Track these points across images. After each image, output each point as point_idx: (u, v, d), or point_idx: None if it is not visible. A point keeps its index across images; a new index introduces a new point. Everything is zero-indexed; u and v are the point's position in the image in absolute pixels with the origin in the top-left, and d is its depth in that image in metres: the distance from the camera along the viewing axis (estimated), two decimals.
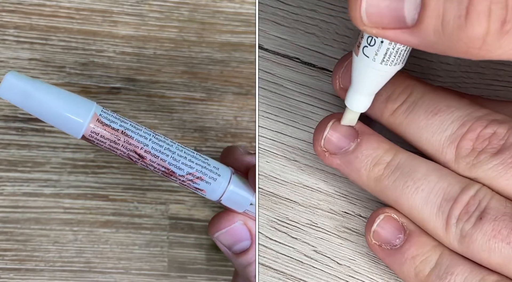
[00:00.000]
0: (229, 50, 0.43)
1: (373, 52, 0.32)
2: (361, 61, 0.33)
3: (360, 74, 0.33)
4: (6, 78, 0.33)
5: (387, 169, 0.35)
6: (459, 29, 0.27)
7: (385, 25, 0.28)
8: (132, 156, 0.35)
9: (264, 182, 0.39)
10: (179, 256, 0.43)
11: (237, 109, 0.43)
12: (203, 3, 0.43)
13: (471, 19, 0.27)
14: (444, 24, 0.27)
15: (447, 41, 0.28)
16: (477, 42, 0.27)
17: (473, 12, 0.26)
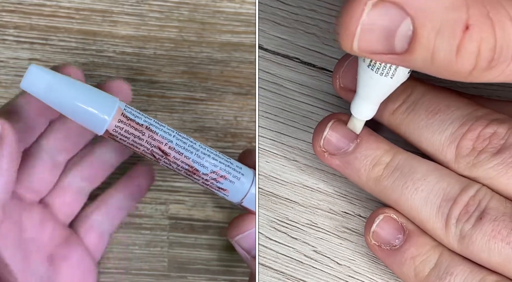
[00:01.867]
0: (229, 50, 0.43)
1: (381, 67, 0.32)
2: (368, 75, 0.33)
3: (368, 85, 0.33)
4: (29, 71, 0.32)
5: (386, 170, 0.35)
6: (449, 64, 0.28)
7: (375, 50, 0.29)
8: (155, 153, 0.35)
9: (264, 182, 0.39)
10: (179, 256, 0.43)
11: (237, 109, 0.43)
12: (203, 3, 0.43)
13: (460, 57, 0.28)
14: (433, 57, 0.28)
15: (435, 70, 0.29)
16: (464, 74, 0.29)
17: (463, 51, 0.28)
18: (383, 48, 0.29)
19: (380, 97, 0.34)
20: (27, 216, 0.38)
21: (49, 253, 0.39)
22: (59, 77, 0.33)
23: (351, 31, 0.29)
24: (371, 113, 0.35)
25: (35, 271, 0.38)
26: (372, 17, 0.28)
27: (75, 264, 0.40)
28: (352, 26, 0.29)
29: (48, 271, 0.39)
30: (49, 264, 0.39)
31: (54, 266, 0.39)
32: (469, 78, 0.29)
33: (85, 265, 0.41)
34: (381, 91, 0.34)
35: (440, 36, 0.28)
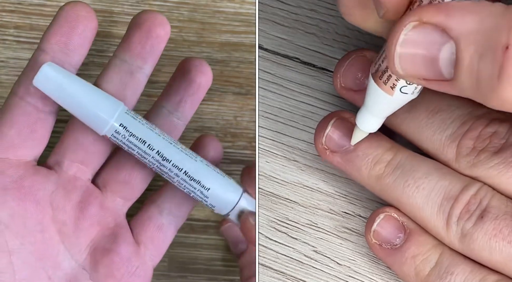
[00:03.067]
0: (229, 50, 0.43)
1: (413, 88, 0.32)
2: (396, 99, 0.32)
3: (388, 107, 0.33)
4: (43, 69, 0.34)
5: (388, 168, 0.35)
6: (493, 90, 0.27)
7: (423, 76, 0.29)
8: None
9: (264, 182, 0.39)
10: (179, 256, 0.43)
11: (237, 109, 0.43)
12: (203, 3, 0.43)
13: (503, 83, 0.26)
14: (478, 82, 0.27)
15: (483, 97, 0.27)
16: (510, 103, 0.27)
17: (505, 74, 0.26)
18: (430, 74, 0.28)
19: (389, 112, 0.34)
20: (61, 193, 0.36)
21: (90, 243, 0.37)
22: (69, 78, 0.34)
23: (391, 53, 0.28)
24: (377, 127, 0.35)
25: (72, 260, 0.36)
26: (411, 39, 0.28)
27: (118, 262, 0.37)
28: (392, 48, 0.28)
29: (86, 263, 0.37)
30: (89, 256, 0.37)
31: (94, 260, 0.37)
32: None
33: (131, 267, 0.37)
34: (393, 107, 0.33)
35: (483, 60, 0.26)
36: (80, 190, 0.37)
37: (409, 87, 0.32)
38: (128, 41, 0.36)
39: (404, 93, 0.32)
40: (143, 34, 0.36)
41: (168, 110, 0.38)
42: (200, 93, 0.38)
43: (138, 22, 0.36)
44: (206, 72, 0.38)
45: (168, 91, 0.38)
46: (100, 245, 0.37)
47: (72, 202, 0.36)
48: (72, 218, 0.36)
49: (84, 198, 0.37)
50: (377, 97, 0.33)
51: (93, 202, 0.37)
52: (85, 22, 0.35)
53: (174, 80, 0.38)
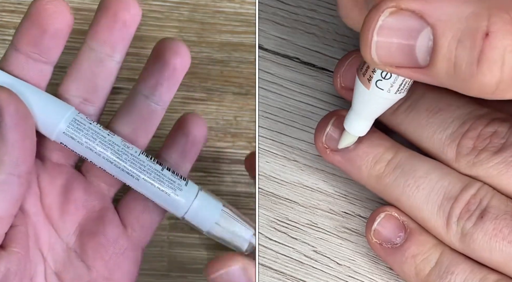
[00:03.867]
0: (229, 50, 0.43)
1: (388, 84, 0.32)
2: (373, 93, 0.32)
3: (368, 103, 0.33)
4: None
5: (388, 167, 0.35)
6: (471, 76, 0.27)
7: (397, 64, 0.28)
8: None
9: (264, 182, 0.39)
10: (179, 256, 0.43)
11: (237, 109, 0.43)
12: (203, 3, 0.43)
13: (482, 68, 0.26)
14: (456, 69, 0.27)
15: (460, 84, 0.27)
16: (489, 88, 0.27)
17: (484, 61, 0.26)
18: (405, 62, 0.28)
19: (380, 113, 0.34)
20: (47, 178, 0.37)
21: (77, 226, 0.37)
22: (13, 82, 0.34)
23: (368, 41, 0.28)
24: (366, 129, 0.35)
25: (63, 242, 0.37)
26: (388, 26, 0.27)
27: (105, 244, 0.37)
28: (368, 35, 0.28)
29: (75, 245, 0.37)
30: (77, 238, 0.37)
31: (81, 242, 0.37)
32: (496, 94, 0.27)
33: (119, 248, 0.37)
34: (384, 107, 0.33)
35: (461, 46, 0.26)
36: (64, 175, 0.37)
37: (384, 82, 0.32)
38: (95, 27, 0.35)
39: (379, 88, 0.32)
40: (109, 19, 0.35)
41: (144, 95, 0.37)
42: (176, 76, 0.37)
43: (103, 7, 0.35)
44: (181, 53, 0.37)
45: (144, 76, 0.37)
46: (87, 228, 0.37)
47: (57, 186, 0.37)
48: (57, 203, 0.37)
49: (68, 182, 0.37)
50: (358, 93, 0.33)
51: (78, 186, 0.37)
52: (60, 19, 0.34)
53: (149, 64, 0.37)
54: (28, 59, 0.34)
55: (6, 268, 0.33)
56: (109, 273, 0.37)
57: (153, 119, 0.37)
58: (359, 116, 0.34)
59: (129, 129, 0.37)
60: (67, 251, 0.37)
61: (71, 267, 0.37)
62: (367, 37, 0.28)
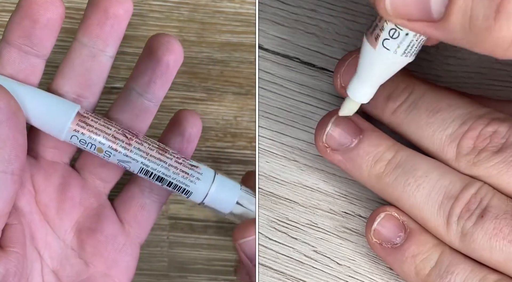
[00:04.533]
0: (229, 50, 0.43)
1: (395, 45, 0.31)
2: (379, 53, 0.31)
3: (373, 66, 0.32)
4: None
5: (388, 166, 0.35)
6: (487, 30, 0.26)
7: (410, 16, 0.28)
8: (126, 133, 0.35)
9: (264, 182, 0.39)
10: (179, 256, 0.43)
11: (237, 109, 0.43)
12: (203, 3, 0.43)
13: (500, 21, 0.26)
14: (471, 22, 0.26)
15: (474, 38, 0.27)
16: (504, 43, 0.26)
17: (503, 13, 0.26)
18: (419, 14, 0.28)
19: (385, 78, 0.33)
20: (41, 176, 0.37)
21: (74, 223, 0.37)
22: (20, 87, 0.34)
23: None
24: (369, 96, 0.34)
25: (60, 240, 0.37)
26: None
27: (103, 241, 0.38)
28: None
29: (73, 243, 0.37)
30: (74, 235, 0.37)
31: (79, 239, 0.37)
32: (509, 51, 0.27)
33: (118, 244, 0.38)
34: (390, 71, 0.32)
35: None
36: (60, 173, 0.37)
37: (391, 42, 0.31)
38: (86, 23, 0.35)
39: (386, 48, 0.31)
40: (100, 15, 0.34)
41: (137, 92, 0.37)
42: (169, 73, 0.37)
43: (93, 2, 0.34)
44: (174, 50, 0.36)
45: (136, 73, 0.37)
46: (85, 225, 0.37)
47: (53, 184, 0.37)
48: (54, 201, 0.37)
49: (64, 180, 0.37)
50: (364, 54, 0.32)
51: (73, 183, 0.37)
52: (51, 10, 0.33)
53: (142, 60, 0.37)
54: (20, 53, 0.34)
55: (5, 269, 0.33)
56: (107, 269, 0.38)
57: (147, 116, 0.37)
58: (363, 81, 0.33)
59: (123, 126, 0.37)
60: (64, 248, 0.37)
61: (68, 264, 0.37)
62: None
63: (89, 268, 0.37)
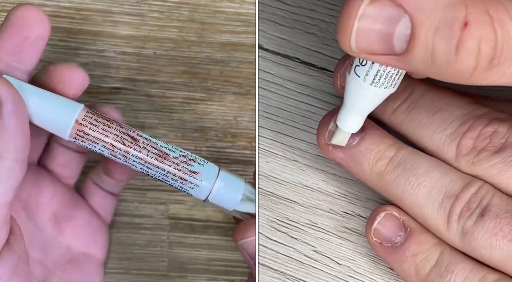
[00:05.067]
0: (229, 50, 0.43)
1: (364, 72, 0.32)
2: (352, 79, 0.33)
3: (352, 94, 0.33)
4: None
5: (389, 164, 0.35)
6: (449, 63, 0.28)
7: (374, 50, 0.29)
8: (125, 139, 0.35)
9: (264, 182, 0.39)
10: (179, 256, 0.43)
11: (237, 109, 0.43)
12: (203, 3, 0.43)
13: (460, 56, 0.27)
14: (433, 56, 0.28)
15: (436, 70, 0.28)
16: (466, 74, 0.28)
17: (462, 49, 0.27)
18: (382, 49, 0.29)
19: (365, 108, 0.34)
20: None
21: (52, 214, 0.39)
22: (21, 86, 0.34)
23: (348, 29, 0.28)
24: (357, 126, 0.35)
25: (40, 231, 0.39)
26: (369, 14, 0.28)
27: (81, 225, 0.40)
28: (349, 23, 0.28)
29: (53, 230, 0.39)
30: (53, 224, 0.39)
31: (58, 226, 0.39)
32: (471, 79, 0.28)
33: (93, 226, 0.41)
34: (367, 101, 0.33)
35: (439, 35, 0.27)
36: (31, 170, 0.38)
37: (361, 69, 0.32)
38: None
39: (357, 74, 0.32)
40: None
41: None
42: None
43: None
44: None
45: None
46: (61, 214, 0.40)
47: (28, 181, 0.38)
48: (32, 196, 0.39)
49: (36, 177, 0.39)
50: (346, 82, 0.33)
51: (45, 178, 0.39)
52: (40, 27, 0.34)
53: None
54: (7, 68, 0.35)
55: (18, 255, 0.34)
56: (86, 249, 0.40)
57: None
58: (347, 111, 0.34)
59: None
60: (46, 238, 0.39)
61: (52, 250, 0.39)
62: (347, 25, 0.28)
63: (71, 250, 0.40)
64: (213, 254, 0.43)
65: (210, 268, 0.43)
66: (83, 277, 0.40)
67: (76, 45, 0.43)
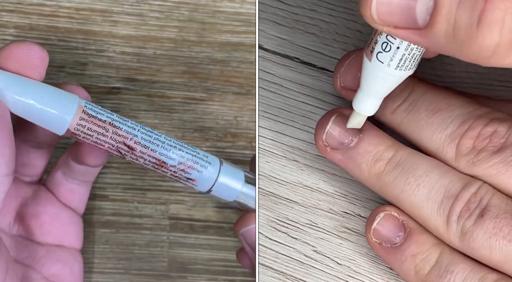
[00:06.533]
0: (229, 50, 0.43)
1: (388, 58, 0.32)
2: (374, 66, 0.32)
3: (372, 79, 0.33)
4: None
5: (388, 165, 0.35)
6: (470, 38, 0.27)
7: (395, 23, 0.28)
8: (121, 148, 0.34)
9: (264, 182, 0.39)
10: (179, 256, 0.43)
11: (237, 109, 0.43)
12: (203, 3, 0.43)
13: (482, 29, 0.26)
14: (455, 30, 0.27)
15: (458, 46, 0.27)
16: (487, 52, 0.27)
17: (485, 22, 0.26)
18: (404, 22, 0.28)
19: (385, 91, 0.33)
20: None
21: (15, 215, 0.39)
22: (12, 77, 0.33)
23: (369, 1, 0.28)
24: (374, 108, 0.34)
25: (8, 232, 0.38)
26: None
27: (47, 221, 0.39)
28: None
29: (19, 230, 0.39)
30: (19, 223, 0.39)
31: (24, 226, 0.39)
32: (492, 58, 0.27)
33: (62, 219, 0.40)
34: (388, 84, 0.33)
35: (462, 6, 0.26)
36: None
37: (384, 55, 0.32)
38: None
39: (380, 61, 0.32)
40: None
41: None
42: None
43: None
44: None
45: None
46: (27, 214, 0.39)
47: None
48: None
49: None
50: (364, 67, 0.33)
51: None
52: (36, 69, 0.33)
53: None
54: None
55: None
56: (60, 241, 0.40)
57: None
58: (365, 94, 0.34)
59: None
60: (14, 238, 0.38)
61: (24, 249, 0.38)
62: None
63: (43, 245, 0.39)
64: (213, 254, 0.43)
65: (210, 268, 0.43)
66: (62, 267, 0.39)
67: (76, 45, 0.43)
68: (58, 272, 0.39)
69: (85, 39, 0.43)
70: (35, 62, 0.33)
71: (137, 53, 0.43)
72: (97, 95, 0.43)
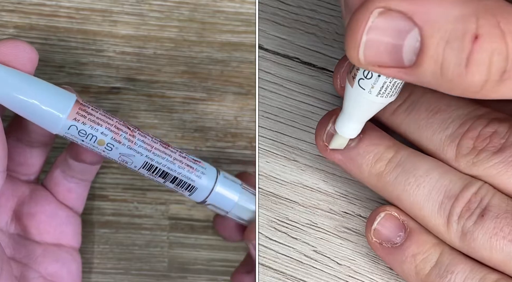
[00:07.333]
0: (229, 50, 0.43)
1: (369, 85, 0.32)
2: (356, 92, 0.32)
3: (354, 104, 0.33)
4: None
5: (388, 165, 0.35)
6: (459, 76, 0.27)
7: (382, 64, 0.29)
8: (128, 125, 0.34)
9: (264, 182, 0.39)
10: (179, 256, 0.43)
11: (237, 109, 0.43)
12: (203, 2, 0.43)
13: (471, 69, 0.27)
14: (443, 69, 0.28)
15: (445, 84, 0.28)
16: (476, 87, 0.28)
17: (473, 62, 0.27)
18: (391, 61, 0.28)
19: (366, 116, 0.34)
20: None
21: (12, 214, 0.39)
22: (9, 72, 0.32)
23: (357, 42, 0.28)
24: (356, 132, 0.35)
25: (5, 230, 0.38)
26: (378, 26, 0.28)
27: (44, 220, 0.39)
28: (358, 35, 0.28)
29: (16, 229, 0.39)
30: (16, 222, 0.39)
31: (21, 225, 0.39)
32: (481, 93, 0.28)
33: (59, 218, 0.40)
34: (369, 110, 0.33)
35: (449, 47, 0.27)
36: None
37: (366, 82, 0.32)
38: None
39: (361, 87, 0.32)
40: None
41: None
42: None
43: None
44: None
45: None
46: (23, 213, 0.39)
47: None
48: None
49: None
50: (346, 92, 0.33)
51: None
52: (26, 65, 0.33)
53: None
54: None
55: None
56: (58, 240, 0.39)
57: None
58: (347, 117, 0.34)
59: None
60: (11, 237, 0.38)
61: (21, 248, 0.38)
62: (356, 37, 0.28)
63: (40, 244, 0.39)
64: (213, 254, 0.43)
65: (210, 268, 0.43)
66: (60, 267, 0.39)
67: (76, 45, 0.43)
68: (56, 271, 0.39)
69: (85, 39, 0.43)
70: (24, 60, 0.33)
71: (137, 53, 0.43)
72: (97, 95, 0.43)
